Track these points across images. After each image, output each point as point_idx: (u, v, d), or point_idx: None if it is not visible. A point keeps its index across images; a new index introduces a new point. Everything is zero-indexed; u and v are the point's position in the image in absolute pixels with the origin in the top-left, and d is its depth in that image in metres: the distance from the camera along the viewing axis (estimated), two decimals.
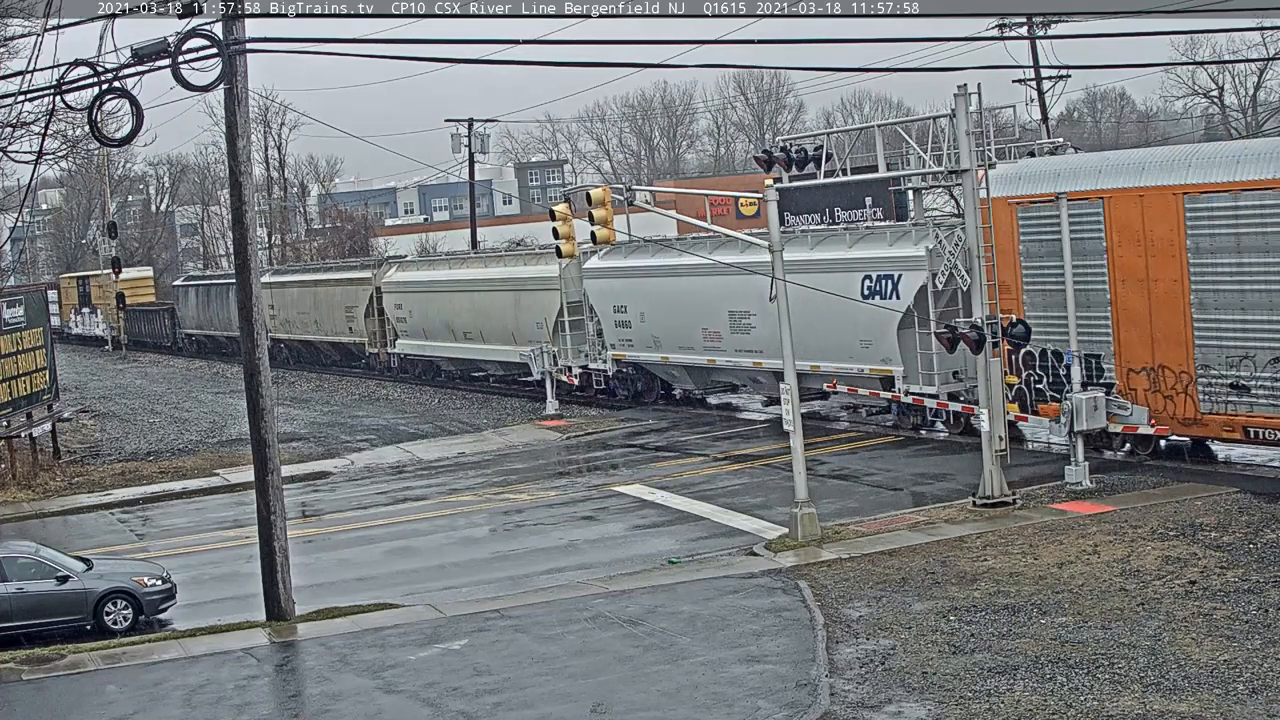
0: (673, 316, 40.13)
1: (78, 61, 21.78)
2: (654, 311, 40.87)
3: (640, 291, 41.07)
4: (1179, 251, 27.50)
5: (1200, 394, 27.62)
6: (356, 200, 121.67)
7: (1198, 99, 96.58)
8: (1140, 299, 28.34)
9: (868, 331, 33.90)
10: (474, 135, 71.62)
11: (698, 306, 39.04)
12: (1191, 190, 27.02)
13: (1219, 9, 32.23)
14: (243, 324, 23.21)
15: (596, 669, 18.73)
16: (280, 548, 22.90)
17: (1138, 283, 28.37)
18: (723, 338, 38.60)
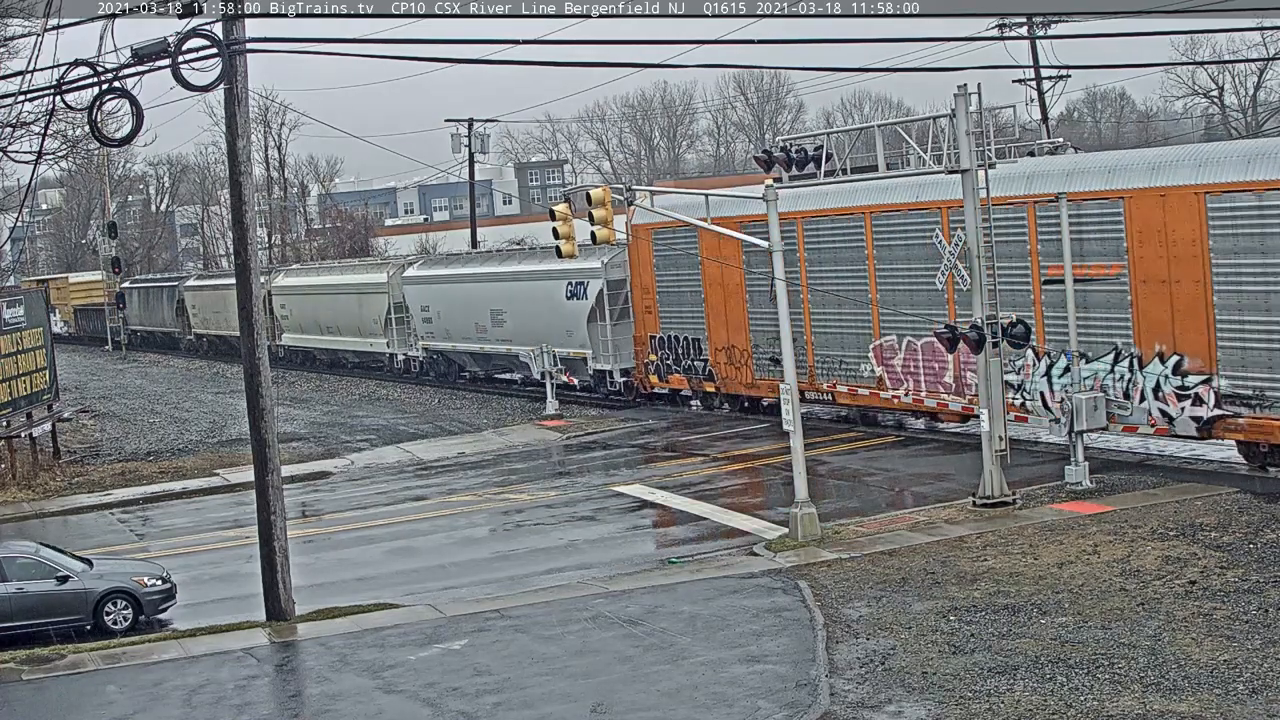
0: (457, 314, 51.59)
1: (78, 61, 21.79)
2: (447, 311, 52.35)
3: (439, 295, 52.68)
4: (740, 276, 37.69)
5: (754, 365, 38.13)
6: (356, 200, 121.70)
7: (1198, 99, 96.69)
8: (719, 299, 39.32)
9: (569, 323, 45.12)
10: (474, 135, 71.69)
11: (472, 306, 50.51)
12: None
13: (1219, 9, 32.26)
14: (242, 324, 23.21)
15: (596, 669, 18.73)
16: (280, 548, 22.90)
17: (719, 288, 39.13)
18: (488, 330, 49.90)
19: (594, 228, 26.44)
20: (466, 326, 50.91)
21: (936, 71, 33.04)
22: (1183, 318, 27.51)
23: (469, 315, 50.59)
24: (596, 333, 44.13)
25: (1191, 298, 27.25)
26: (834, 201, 34.48)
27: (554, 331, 45.21)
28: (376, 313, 57.18)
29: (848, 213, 34.69)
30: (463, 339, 51.64)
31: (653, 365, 41.51)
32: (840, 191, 33.16)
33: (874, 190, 33.29)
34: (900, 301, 33.31)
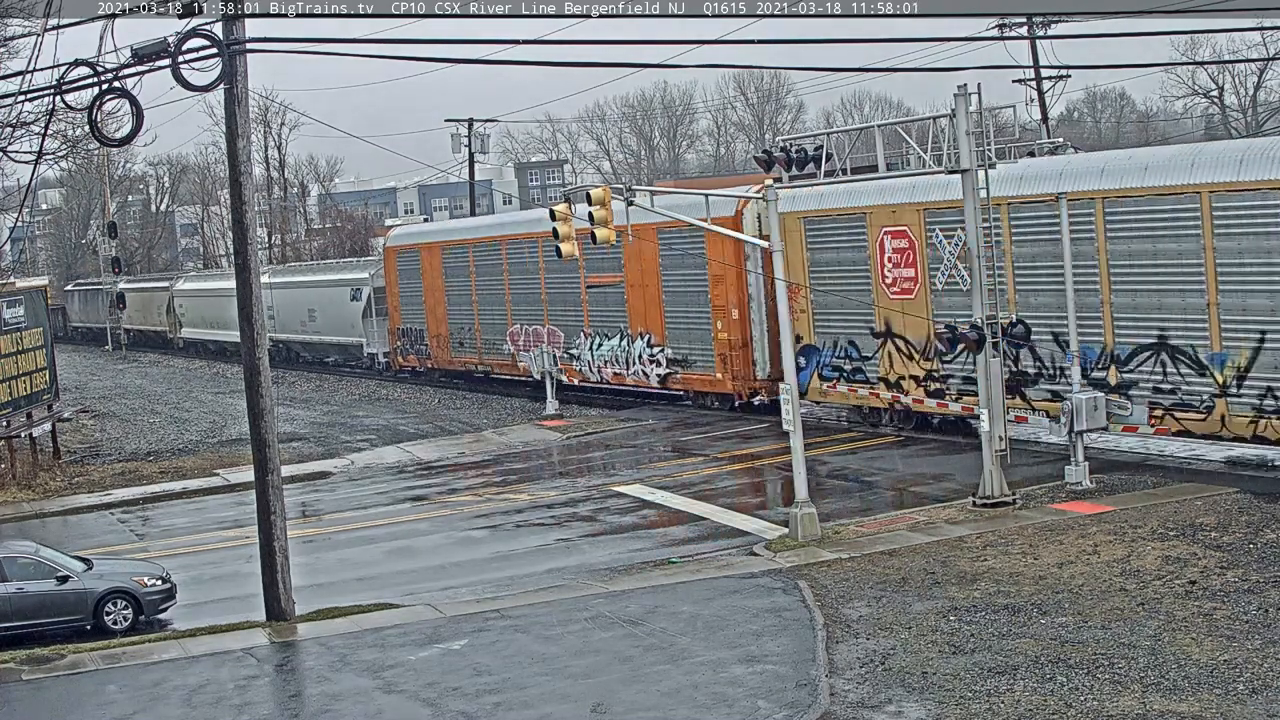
0: (288, 313, 65.23)
1: (78, 61, 21.80)
2: (282, 310, 65.05)
3: (279, 298, 64.34)
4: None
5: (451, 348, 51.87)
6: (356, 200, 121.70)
7: (1198, 99, 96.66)
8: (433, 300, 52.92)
9: (352, 319, 59.99)
10: (474, 135, 71.68)
11: (297, 307, 64.70)
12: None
13: (1219, 9, 32.27)
14: (242, 324, 23.23)
15: (596, 669, 18.73)
16: (280, 548, 22.90)
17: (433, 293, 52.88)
18: (307, 324, 64.11)
19: (594, 228, 26.45)
20: (294, 322, 65.19)
21: (936, 71, 33.14)
22: (650, 311, 41.80)
23: (295, 314, 64.83)
24: (368, 326, 58.58)
25: (651, 298, 41.70)
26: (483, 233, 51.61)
27: (343, 325, 60.93)
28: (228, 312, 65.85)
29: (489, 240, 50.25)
30: (293, 331, 65.66)
31: (399, 349, 55.90)
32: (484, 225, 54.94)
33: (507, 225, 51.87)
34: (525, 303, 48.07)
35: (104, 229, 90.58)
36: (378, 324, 57.13)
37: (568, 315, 45.50)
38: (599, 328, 43.83)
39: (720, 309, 39.10)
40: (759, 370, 38.60)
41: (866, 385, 34.86)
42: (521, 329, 48.02)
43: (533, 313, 47.30)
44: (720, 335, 39.16)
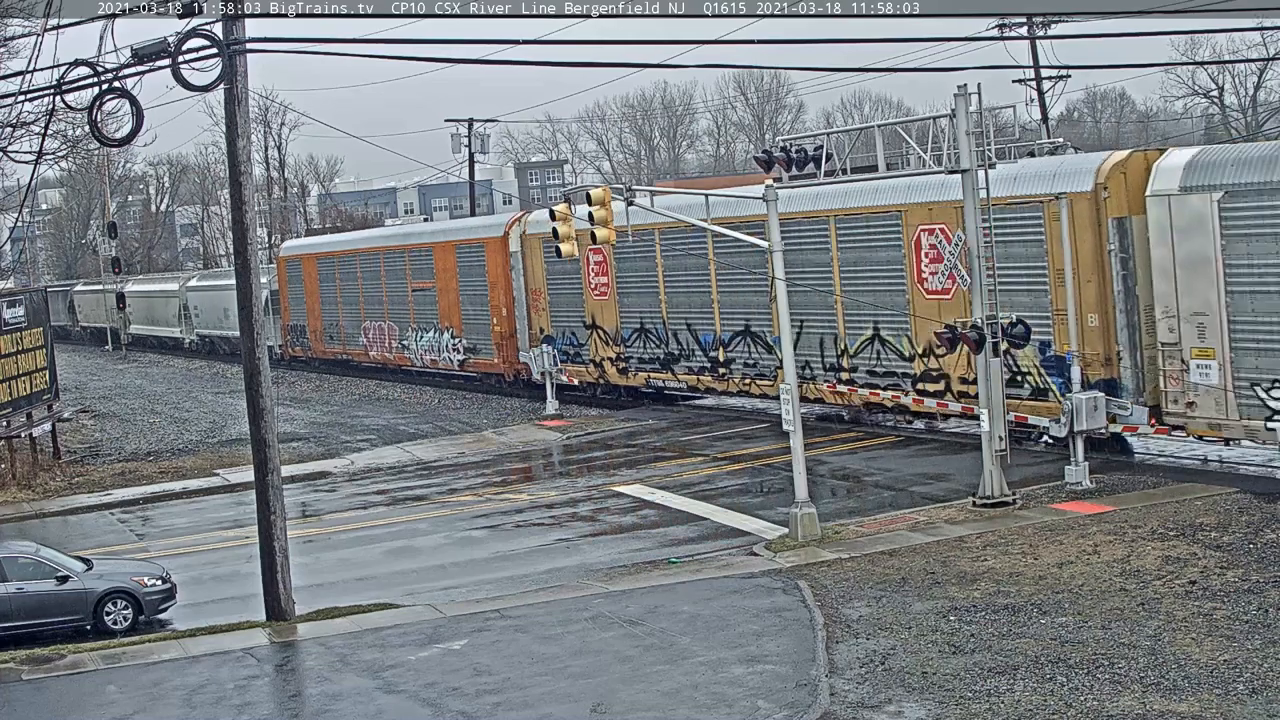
0: (209, 312, 75.00)
1: (78, 61, 21.79)
2: (205, 310, 75.96)
3: (201, 300, 76.06)
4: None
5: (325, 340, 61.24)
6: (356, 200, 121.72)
7: (1198, 99, 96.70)
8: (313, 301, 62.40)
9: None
10: (474, 135, 71.71)
11: (215, 307, 73.45)
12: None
13: (1219, 9, 32.25)
14: (243, 324, 23.25)
15: (596, 669, 18.73)
16: (280, 548, 22.90)
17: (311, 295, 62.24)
18: (222, 322, 71.89)
19: (594, 228, 26.46)
20: (214, 320, 74.27)
21: (936, 71, 33.27)
22: (452, 310, 51.51)
23: (214, 313, 73.83)
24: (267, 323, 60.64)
25: (453, 300, 51.44)
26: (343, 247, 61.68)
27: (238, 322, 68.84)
28: (173, 311, 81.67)
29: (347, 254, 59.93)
30: (213, 328, 74.97)
31: (289, 342, 64.67)
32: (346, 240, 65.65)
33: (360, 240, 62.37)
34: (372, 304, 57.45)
35: (104, 229, 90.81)
36: (273, 321, 64.00)
37: (401, 313, 55.13)
38: (420, 323, 53.85)
39: (495, 308, 49.15)
40: (521, 355, 48.39)
41: (583, 364, 44.69)
42: (371, 324, 57.94)
43: (377, 311, 57.17)
44: (496, 329, 49.20)
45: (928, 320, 32.01)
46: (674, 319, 40.72)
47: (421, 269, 53.26)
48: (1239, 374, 26.50)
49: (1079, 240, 29.13)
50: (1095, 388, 28.96)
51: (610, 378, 43.67)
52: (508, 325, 48.55)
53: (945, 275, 30.51)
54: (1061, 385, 29.46)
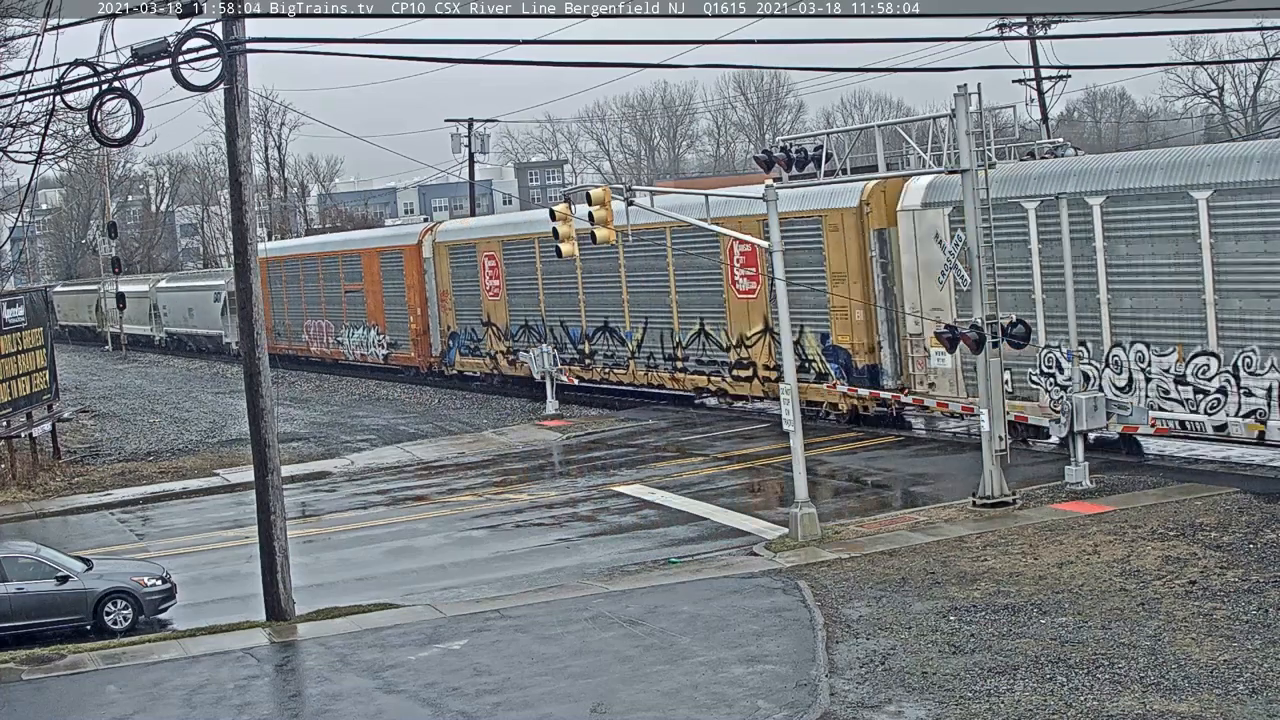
0: (175, 311, 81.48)
1: (78, 61, 21.77)
2: (171, 309, 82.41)
3: (168, 300, 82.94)
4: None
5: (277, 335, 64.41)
6: (356, 200, 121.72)
7: (1198, 99, 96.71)
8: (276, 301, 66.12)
9: (214, 315, 74.79)
10: (474, 135, 71.67)
11: (180, 306, 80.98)
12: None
13: (1219, 9, 32.22)
14: (243, 324, 23.23)
15: (596, 669, 18.73)
16: (280, 548, 22.90)
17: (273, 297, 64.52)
18: (187, 320, 79.70)
19: (594, 227, 26.46)
20: (179, 318, 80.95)
21: (936, 71, 33.39)
22: (378, 310, 57.04)
23: (180, 312, 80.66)
24: (226, 321, 71.27)
25: (378, 301, 56.64)
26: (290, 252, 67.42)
27: (210, 320, 75.74)
28: (145, 310, 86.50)
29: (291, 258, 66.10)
30: (179, 325, 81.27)
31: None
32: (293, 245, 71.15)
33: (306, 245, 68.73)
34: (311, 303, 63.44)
35: (104, 229, 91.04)
36: (232, 319, 68.56)
37: (337, 313, 60.97)
38: (352, 322, 59.86)
39: (411, 308, 54.69)
40: (434, 350, 54.38)
41: (481, 357, 50.66)
42: (312, 323, 64.05)
43: (317, 311, 63.30)
44: (412, 326, 54.78)
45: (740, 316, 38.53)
46: (550, 317, 46.83)
47: (353, 273, 59.38)
48: (967, 359, 30.27)
49: (848, 248, 34.47)
50: (862, 373, 34.88)
51: (502, 369, 49.85)
52: (422, 323, 54.55)
53: (749, 279, 37.46)
54: (837, 370, 35.51)
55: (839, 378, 35.08)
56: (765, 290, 36.50)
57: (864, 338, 34.82)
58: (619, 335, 43.34)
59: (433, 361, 54.11)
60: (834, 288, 34.95)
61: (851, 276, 34.52)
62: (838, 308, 34.95)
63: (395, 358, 56.79)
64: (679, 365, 40.95)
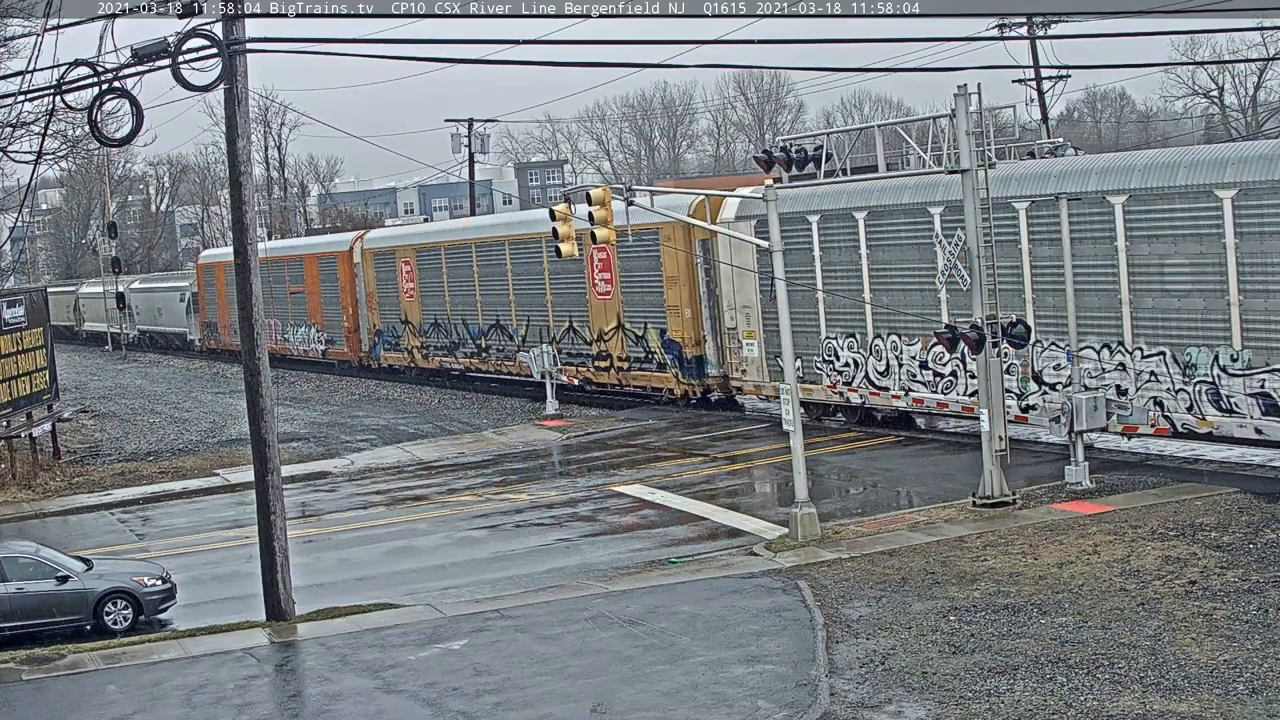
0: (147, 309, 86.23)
1: (78, 61, 21.77)
2: (144, 307, 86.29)
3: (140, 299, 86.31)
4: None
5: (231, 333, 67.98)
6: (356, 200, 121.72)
7: (1198, 99, 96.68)
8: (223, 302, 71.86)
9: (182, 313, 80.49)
10: (474, 135, 71.72)
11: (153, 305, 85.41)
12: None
13: (1219, 9, 32.19)
14: (242, 324, 23.24)
15: (596, 669, 18.73)
16: (280, 548, 22.90)
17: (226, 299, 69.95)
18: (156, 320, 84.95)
19: (594, 227, 26.46)
20: (150, 317, 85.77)
21: (936, 71, 33.41)
22: (317, 310, 62.62)
23: (150, 311, 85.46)
24: (190, 319, 79.04)
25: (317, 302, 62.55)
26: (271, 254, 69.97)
27: (176, 319, 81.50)
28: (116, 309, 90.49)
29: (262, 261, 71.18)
30: (150, 324, 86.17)
31: (204, 336, 76.23)
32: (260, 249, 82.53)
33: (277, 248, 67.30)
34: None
35: (104, 229, 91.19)
36: (194, 318, 78.30)
37: (283, 312, 65.73)
38: (295, 320, 65.38)
39: (344, 308, 60.54)
40: (364, 346, 59.93)
41: (400, 352, 56.32)
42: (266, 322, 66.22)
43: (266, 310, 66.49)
44: (345, 325, 60.53)
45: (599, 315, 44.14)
46: (454, 315, 52.35)
47: (296, 276, 65.09)
48: (768, 350, 37.16)
49: (678, 256, 39.89)
50: (691, 362, 40.55)
51: (418, 362, 55.10)
52: (353, 321, 60.45)
53: (605, 281, 43.06)
54: (673, 360, 41.06)
55: (675, 367, 40.94)
56: (618, 292, 42.85)
57: (692, 332, 40.43)
58: (508, 332, 48.99)
59: (363, 356, 59.89)
60: (668, 290, 40.73)
61: (681, 280, 40.22)
62: (672, 306, 40.75)
63: (332, 353, 62.44)
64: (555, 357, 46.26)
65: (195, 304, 77.79)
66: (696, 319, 40.16)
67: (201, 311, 76.66)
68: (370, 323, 58.69)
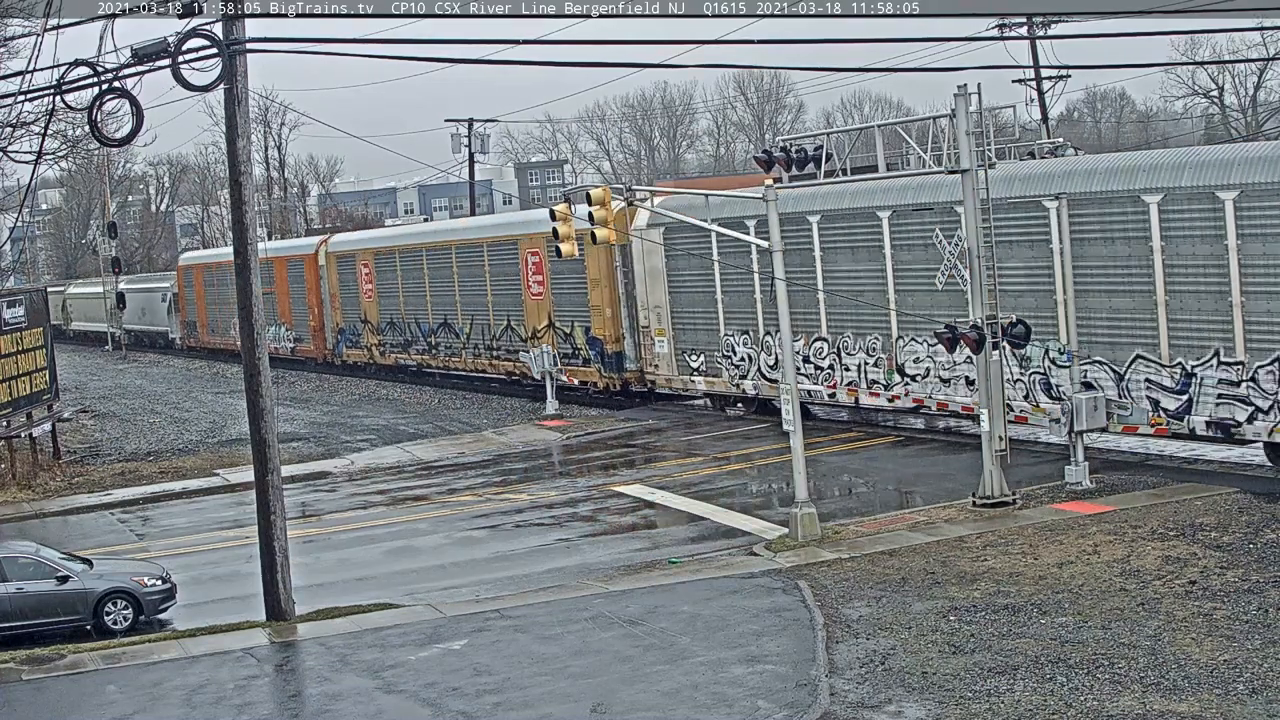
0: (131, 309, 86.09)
1: (78, 61, 21.77)
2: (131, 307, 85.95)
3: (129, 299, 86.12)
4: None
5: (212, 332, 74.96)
6: (356, 200, 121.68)
7: (1198, 99, 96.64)
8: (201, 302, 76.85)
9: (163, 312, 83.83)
10: (474, 135, 71.72)
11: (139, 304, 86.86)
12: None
13: (1219, 9, 32.18)
14: (242, 324, 23.23)
15: (596, 669, 18.73)
16: (280, 548, 22.90)
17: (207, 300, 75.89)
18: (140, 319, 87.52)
19: (594, 227, 26.45)
20: (134, 316, 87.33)
21: (936, 71, 33.38)
22: (285, 309, 65.76)
23: (134, 310, 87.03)
24: (171, 319, 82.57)
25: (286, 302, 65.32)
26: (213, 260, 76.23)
27: (158, 318, 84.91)
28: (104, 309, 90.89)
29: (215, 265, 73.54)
30: (134, 323, 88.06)
31: (184, 335, 79.73)
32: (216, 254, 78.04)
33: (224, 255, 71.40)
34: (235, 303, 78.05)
35: (104, 229, 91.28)
36: (175, 317, 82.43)
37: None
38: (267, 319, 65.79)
39: (310, 308, 63.80)
40: (328, 344, 63.00)
41: (361, 349, 59.98)
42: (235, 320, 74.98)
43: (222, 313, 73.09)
44: (311, 323, 63.77)
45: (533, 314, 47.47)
46: (408, 315, 55.94)
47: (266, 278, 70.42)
48: (677, 346, 41.31)
49: (600, 261, 43.13)
50: (612, 358, 43.88)
51: (376, 359, 58.97)
52: (319, 320, 63.80)
53: (538, 284, 46.58)
54: (596, 355, 44.34)
55: (598, 362, 44.24)
56: (549, 293, 46.40)
57: (612, 330, 43.82)
58: (454, 330, 52.60)
59: (327, 353, 63.54)
60: (592, 292, 44.21)
61: (603, 283, 43.74)
62: (595, 307, 44.15)
63: (300, 350, 65.55)
64: (494, 354, 50.20)
65: (176, 304, 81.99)
66: (616, 318, 43.70)
67: (182, 311, 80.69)
68: (334, 322, 62.05)
